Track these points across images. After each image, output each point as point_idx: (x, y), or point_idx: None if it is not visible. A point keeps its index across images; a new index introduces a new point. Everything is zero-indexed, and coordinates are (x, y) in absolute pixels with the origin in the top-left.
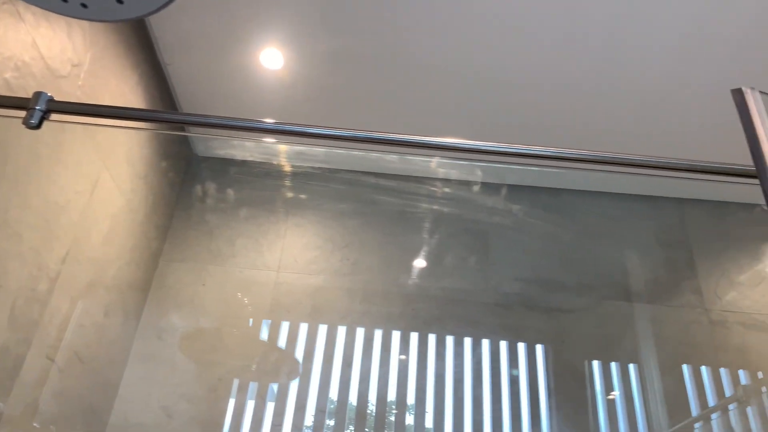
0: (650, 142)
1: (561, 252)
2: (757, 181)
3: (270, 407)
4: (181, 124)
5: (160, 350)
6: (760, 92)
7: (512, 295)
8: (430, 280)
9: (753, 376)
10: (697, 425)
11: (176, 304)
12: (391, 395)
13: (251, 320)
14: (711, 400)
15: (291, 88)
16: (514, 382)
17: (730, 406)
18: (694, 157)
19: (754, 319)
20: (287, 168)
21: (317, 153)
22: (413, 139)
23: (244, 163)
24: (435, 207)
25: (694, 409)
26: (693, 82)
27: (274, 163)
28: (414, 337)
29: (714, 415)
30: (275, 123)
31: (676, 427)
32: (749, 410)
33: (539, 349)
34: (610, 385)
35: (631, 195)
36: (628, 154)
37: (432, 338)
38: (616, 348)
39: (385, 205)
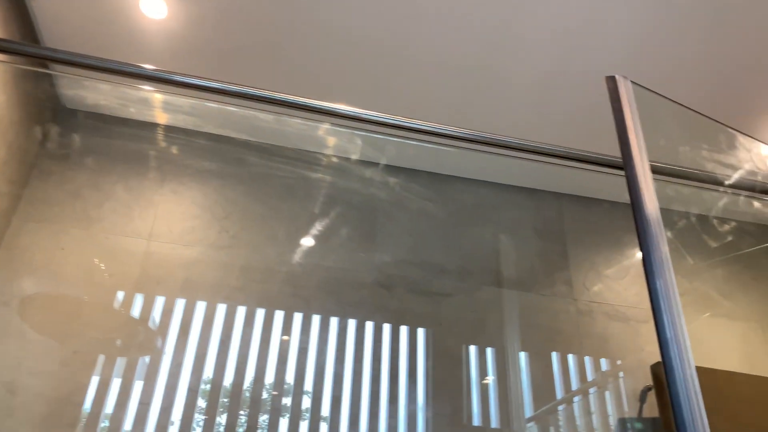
0: (533, 129)
1: (445, 237)
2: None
3: (138, 386)
4: (39, 59)
5: (5, 318)
6: (632, 82)
7: (395, 277)
8: (314, 258)
9: (612, 362)
10: (560, 407)
11: (29, 268)
12: (270, 376)
13: (115, 291)
14: (574, 384)
15: (173, 40)
16: (394, 364)
17: (591, 390)
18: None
19: (616, 310)
20: (168, 130)
21: (203, 117)
22: (297, 100)
23: (119, 120)
24: (324, 183)
25: (559, 393)
26: (577, 72)
27: (154, 123)
28: (297, 317)
29: (576, 398)
30: (153, 70)
31: (542, 409)
32: (607, 394)
33: (420, 332)
34: (485, 369)
35: (514, 186)
36: (503, 135)
37: (316, 319)
38: (492, 333)
39: (272, 177)
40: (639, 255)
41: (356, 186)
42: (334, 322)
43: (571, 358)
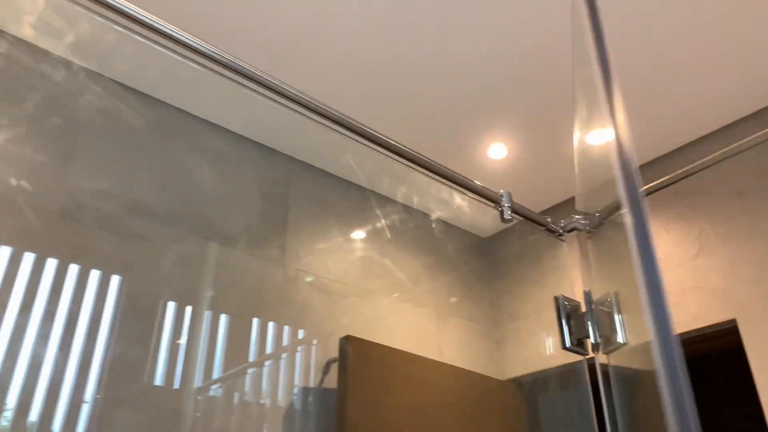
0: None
1: (161, 175)
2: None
3: None
4: None
5: None
6: None
7: (90, 209)
8: None
9: (308, 332)
10: (250, 371)
11: None
12: None
13: None
14: (269, 349)
15: None
16: (74, 312)
17: (283, 356)
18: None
19: (321, 282)
20: None
21: None
22: None
23: None
24: (18, 80)
25: (253, 356)
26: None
27: None
28: None
29: (267, 363)
30: None
31: (230, 371)
32: (298, 362)
33: (114, 279)
34: (181, 326)
35: (249, 140)
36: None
37: None
38: (193, 288)
39: None
40: (356, 233)
41: (69, 91)
42: (4, 252)
43: (269, 322)
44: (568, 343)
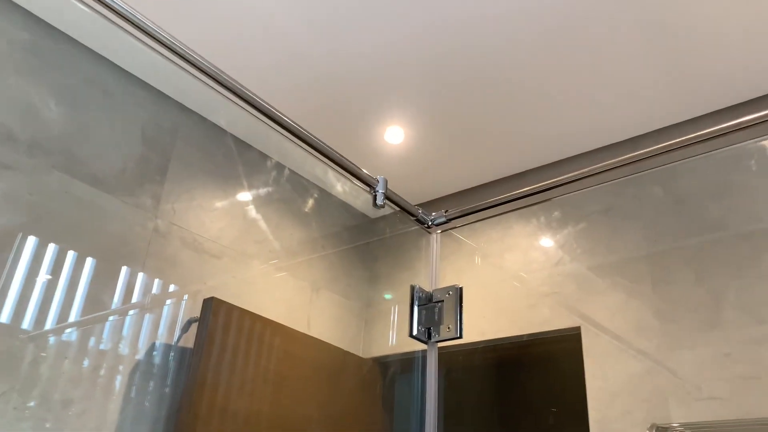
0: None
1: (31, 101)
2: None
3: None
4: None
5: None
6: None
7: None
8: None
9: (171, 287)
10: (112, 318)
11: None
12: None
13: None
14: (129, 300)
15: None
16: None
17: (139, 309)
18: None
19: (195, 238)
20: None
21: None
22: None
23: None
24: None
25: (116, 304)
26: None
27: None
28: None
29: (129, 313)
30: None
31: (90, 316)
32: (157, 315)
33: None
34: (40, 264)
35: (140, 80)
36: None
37: None
38: (55, 227)
39: None
40: (240, 195)
41: None
42: None
43: (132, 273)
44: (415, 332)
